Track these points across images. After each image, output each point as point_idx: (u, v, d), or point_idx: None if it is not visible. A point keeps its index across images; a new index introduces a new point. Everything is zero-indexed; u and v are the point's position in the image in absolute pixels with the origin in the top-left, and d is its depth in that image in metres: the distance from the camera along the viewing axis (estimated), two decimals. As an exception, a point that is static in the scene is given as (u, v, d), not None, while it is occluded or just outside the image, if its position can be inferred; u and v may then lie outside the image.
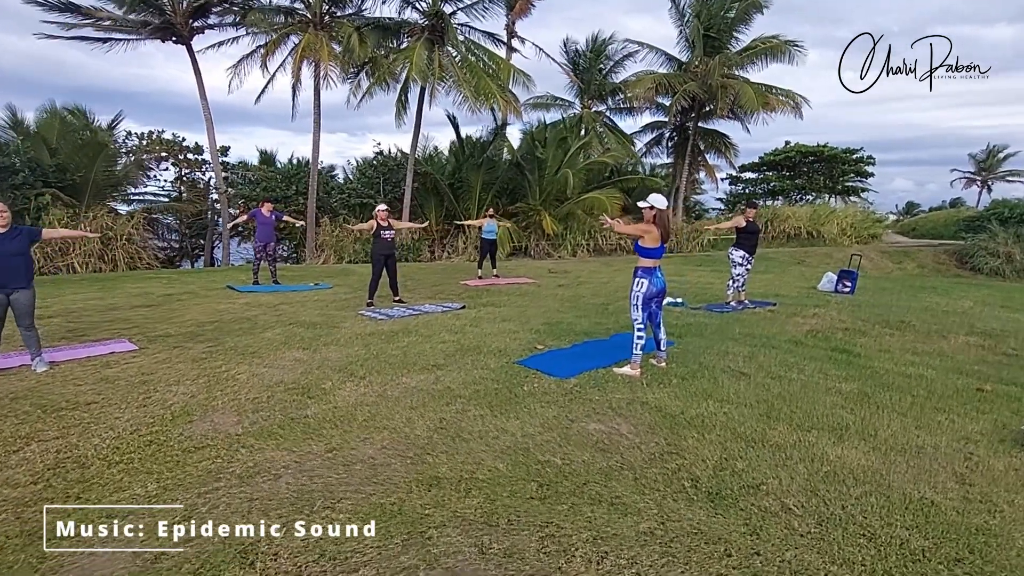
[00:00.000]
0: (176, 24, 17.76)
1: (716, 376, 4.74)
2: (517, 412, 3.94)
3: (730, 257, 8.18)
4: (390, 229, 8.05)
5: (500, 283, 10.92)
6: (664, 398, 4.22)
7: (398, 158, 23.11)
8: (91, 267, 12.36)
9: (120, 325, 6.32)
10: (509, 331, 6.36)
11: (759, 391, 4.41)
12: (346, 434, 3.57)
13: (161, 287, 9.18)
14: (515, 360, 5.13)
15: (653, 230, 4.62)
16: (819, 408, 4.07)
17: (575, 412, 3.95)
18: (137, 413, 3.87)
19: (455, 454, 3.31)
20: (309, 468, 3.15)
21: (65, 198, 12.71)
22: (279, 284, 9.83)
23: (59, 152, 13.19)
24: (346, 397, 4.21)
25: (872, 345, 5.96)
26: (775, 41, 22.88)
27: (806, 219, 26.58)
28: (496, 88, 19.05)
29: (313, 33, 18.19)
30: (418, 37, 18.96)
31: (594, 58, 25.84)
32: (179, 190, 19.82)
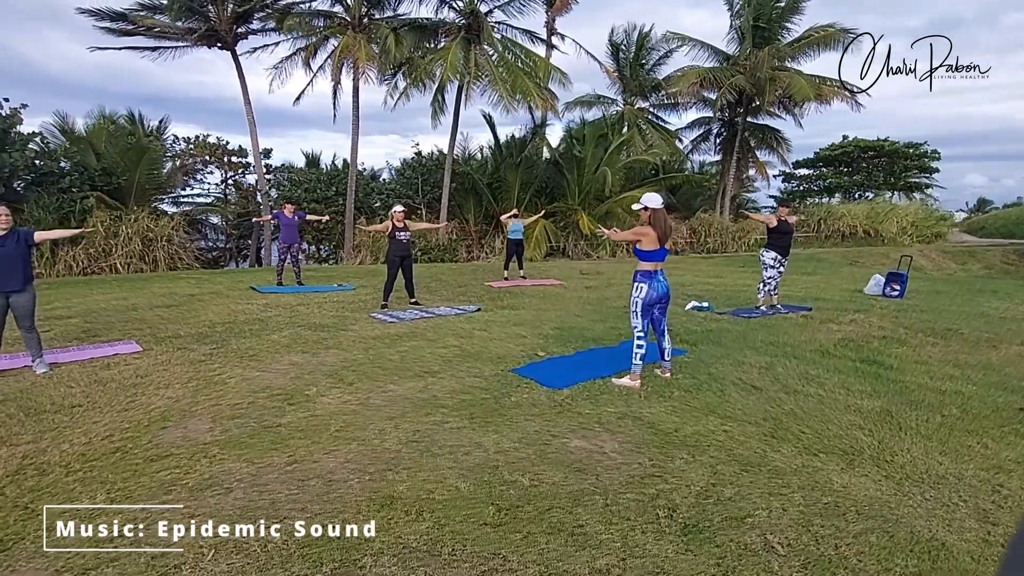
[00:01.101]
0: (220, 30, 18.36)
1: (724, 389, 4.37)
2: (497, 425, 3.70)
3: (761, 259, 7.66)
4: (406, 230, 7.94)
5: (525, 285, 10.68)
6: (660, 413, 3.89)
7: (437, 158, 23.17)
8: (133, 268, 12.87)
9: (134, 326, 6.45)
10: (516, 336, 6.13)
11: (769, 407, 4.02)
12: (313, 445, 3.43)
13: (188, 287, 9.41)
14: (511, 368, 4.89)
15: (650, 232, 4.29)
16: (832, 428, 3.65)
17: (559, 426, 3.68)
18: (116, 418, 3.85)
19: (419, 471, 3.11)
20: (263, 482, 3.01)
21: (109, 201, 13.29)
22: (303, 285, 9.91)
23: (105, 156, 13.79)
24: (327, 405, 4.08)
25: (909, 356, 5.40)
26: (830, 30, 21.67)
27: (863, 217, 25.12)
28: (533, 86, 18.80)
29: (351, 35, 18.45)
30: (454, 37, 18.94)
31: (637, 54, 25.17)
32: (224, 192, 20.47)
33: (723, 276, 13.18)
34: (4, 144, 11.77)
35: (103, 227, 12.56)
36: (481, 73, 18.52)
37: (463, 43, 18.67)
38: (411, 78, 18.92)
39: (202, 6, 17.87)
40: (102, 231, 12.51)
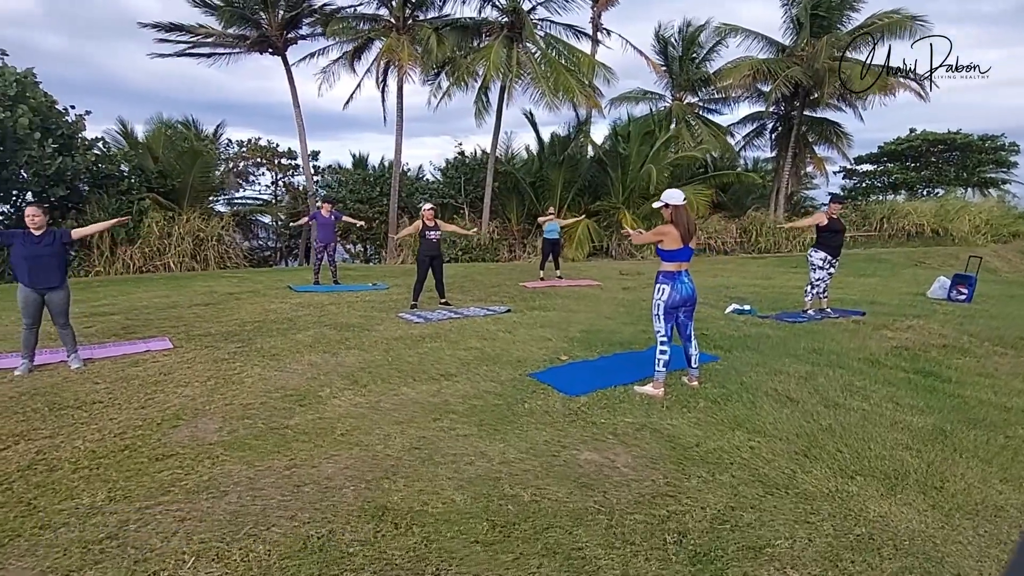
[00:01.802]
0: (271, 37, 18.92)
1: (755, 400, 4.04)
2: (506, 433, 3.53)
3: (809, 259, 7.17)
4: (436, 229, 7.87)
5: (561, 285, 10.45)
6: (682, 425, 3.63)
7: (480, 158, 23.18)
8: (184, 266, 13.39)
9: (170, 323, 6.62)
10: (541, 339, 5.94)
11: (804, 422, 3.68)
12: (315, 449, 3.35)
13: (229, 286, 9.67)
14: (530, 372, 4.70)
15: (672, 231, 4.01)
16: (874, 447, 3.29)
17: (571, 437, 3.48)
18: (132, 415, 3.90)
19: (417, 480, 2.98)
20: (259, 486, 2.95)
21: (164, 202, 13.87)
22: (338, 284, 10.02)
23: (162, 160, 14.41)
24: (337, 407, 4.01)
25: (971, 368, 4.88)
26: (896, 16, 20.38)
27: (930, 215, 23.52)
28: (575, 83, 18.51)
29: (395, 37, 18.67)
30: (496, 35, 18.88)
31: (686, 48, 24.42)
32: (275, 193, 21.11)
33: (772, 277, 12.55)
34: (70, 149, 12.45)
35: (157, 227, 13.12)
36: (523, 71, 18.38)
37: (505, 41, 18.58)
38: (454, 78, 18.97)
39: (253, 14, 18.47)
40: (156, 231, 13.07)
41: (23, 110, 11.22)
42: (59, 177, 11.72)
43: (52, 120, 12.40)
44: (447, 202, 22.68)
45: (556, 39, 19.36)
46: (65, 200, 12.46)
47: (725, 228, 21.91)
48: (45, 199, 12.52)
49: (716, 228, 21.72)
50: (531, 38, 18.22)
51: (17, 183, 11.69)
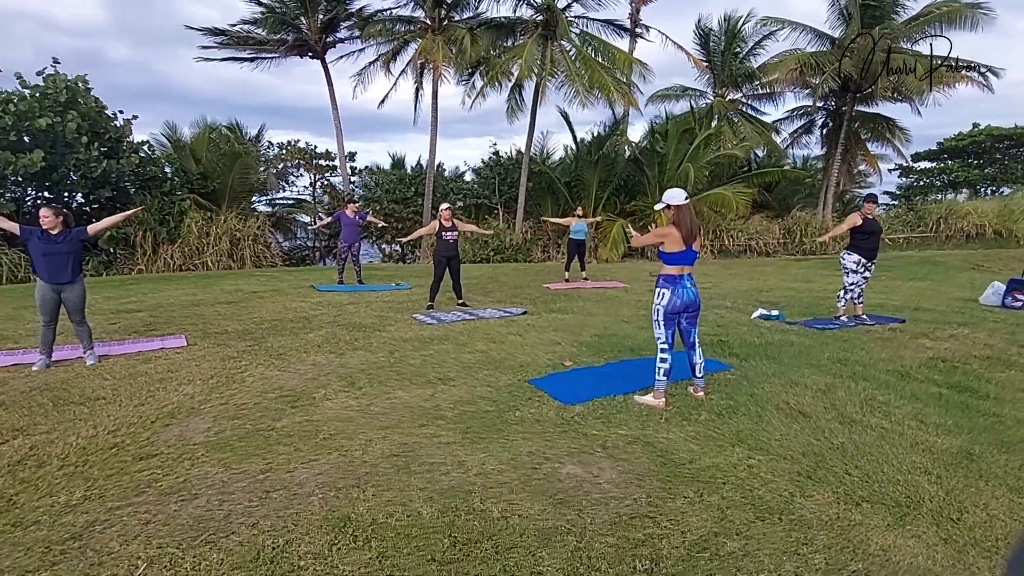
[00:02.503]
0: (310, 40, 19.34)
1: (763, 414, 3.77)
2: (490, 442, 3.39)
3: (842, 263, 6.74)
4: (453, 230, 7.80)
5: (585, 287, 10.23)
6: (678, 439, 3.40)
7: (515, 157, 23.08)
8: (222, 265, 13.81)
9: (191, 321, 6.77)
10: (550, 342, 5.77)
11: (813, 439, 3.40)
12: (295, 453, 3.30)
13: (255, 285, 9.88)
14: (529, 378, 4.55)
15: (673, 232, 3.78)
16: (888, 470, 3.00)
17: (557, 448, 3.31)
18: (130, 412, 3.95)
19: (387, 490, 2.88)
20: (231, 490, 2.91)
21: (204, 202, 14.34)
22: (362, 284, 10.09)
23: (203, 162, 14.90)
24: (327, 410, 3.97)
25: (1015, 383, 4.44)
26: (955, 5, 19.18)
27: (992, 215, 22.05)
28: (610, 80, 18.17)
29: (430, 38, 18.78)
30: (531, 33, 18.75)
31: (729, 42, 23.66)
32: (313, 194, 21.58)
33: (813, 281, 11.95)
34: (116, 152, 13.02)
35: (196, 227, 13.57)
36: (556, 69, 18.18)
37: (539, 39, 18.42)
38: (487, 77, 18.94)
39: (294, 18, 18.92)
40: (195, 231, 13.51)
41: (72, 115, 11.78)
42: (105, 179, 12.26)
43: (101, 125, 12.99)
44: (481, 202, 22.70)
45: (592, 36, 19.08)
46: (111, 201, 13.02)
47: (767, 229, 21.11)
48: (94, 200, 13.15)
49: (757, 229, 20.97)
50: (565, 35, 17.99)
51: (67, 185, 12.29)
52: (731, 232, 20.78)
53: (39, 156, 10.70)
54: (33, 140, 11.01)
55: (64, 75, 12.31)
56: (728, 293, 9.49)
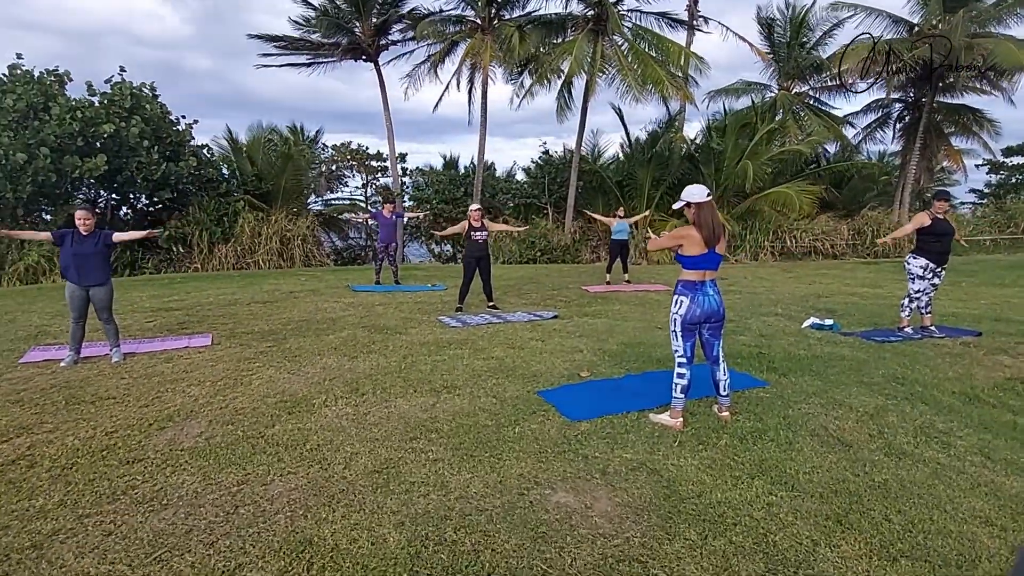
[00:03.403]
0: (363, 43, 19.66)
1: (795, 440, 3.31)
2: (479, 462, 3.13)
3: (906, 267, 6.04)
4: (483, 230, 7.58)
5: (625, 290, 9.78)
6: (690, 467, 3.02)
7: (566, 157, 22.70)
8: (272, 264, 14.20)
9: (222, 320, 6.87)
10: (572, 350, 5.44)
11: (851, 474, 2.93)
12: (276, 464, 3.16)
13: (294, 284, 10.02)
14: (539, 389, 4.25)
15: (692, 233, 3.38)
16: (939, 518, 2.51)
17: (551, 472, 3.00)
18: (133, 413, 3.94)
19: (359, 511, 2.67)
20: (201, 502, 2.79)
21: (257, 203, 14.81)
22: (399, 284, 10.06)
23: (257, 164, 15.40)
24: (322, 417, 3.82)
25: (1115, 414, 3.74)
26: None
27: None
28: (664, 75, 17.50)
29: (479, 37, 18.71)
30: (581, 29, 18.34)
31: (795, 31, 22.35)
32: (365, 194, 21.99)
33: (881, 286, 10.98)
34: (177, 156, 13.62)
35: (248, 228, 14.01)
36: (607, 64, 17.69)
37: (590, 35, 17.99)
38: (536, 75, 18.66)
39: (348, 22, 19.29)
40: (248, 231, 13.96)
41: (136, 121, 12.39)
42: (165, 181, 12.84)
43: (164, 129, 13.63)
44: (531, 202, 22.44)
45: (645, 30, 18.46)
46: (172, 202, 13.64)
47: (835, 229, 19.75)
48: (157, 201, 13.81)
49: (824, 229, 19.65)
50: (617, 30, 17.45)
51: (131, 187, 12.95)
52: (794, 233, 19.58)
53: (102, 160, 11.31)
54: (98, 145, 11.63)
55: (129, 83, 12.99)
56: (782, 298, 8.81)
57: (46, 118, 11.07)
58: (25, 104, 11.03)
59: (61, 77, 12.25)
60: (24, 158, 10.35)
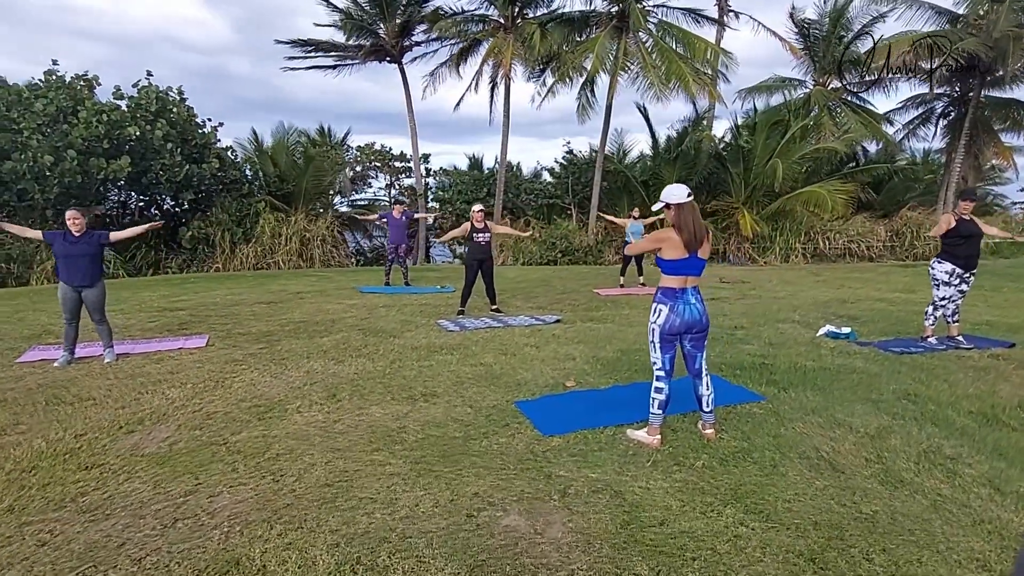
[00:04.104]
0: (387, 45, 19.76)
1: (781, 464, 3.04)
2: (437, 477, 2.97)
3: (931, 273, 5.62)
4: (485, 232, 7.42)
5: (639, 293, 9.48)
6: (658, 491, 2.79)
7: (590, 156, 22.38)
8: (292, 264, 14.35)
9: (222, 321, 6.89)
10: (565, 357, 5.23)
11: (837, 504, 2.66)
12: (229, 474, 3.06)
13: (303, 285, 10.05)
14: (517, 400, 4.06)
15: (672, 236, 3.14)
16: (929, 559, 2.23)
17: (509, 491, 2.82)
18: (107, 415, 3.92)
19: (297, 529, 2.54)
20: (144, 513, 2.71)
21: (279, 204, 14.99)
22: (409, 286, 9.99)
23: (280, 165, 15.60)
24: (291, 424, 3.72)
25: None
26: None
27: None
28: (689, 72, 17.04)
29: (501, 36, 18.59)
30: (604, 26, 18.02)
31: (832, 25, 21.50)
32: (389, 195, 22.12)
33: (916, 291, 10.38)
34: (202, 158, 13.89)
35: (269, 228, 14.19)
36: (630, 61, 17.32)
37: (613, 32, 17.67)
38: (558, 74, 18.41)
39: (372, 24, 19.41)
40: (268, 231, 14.14)
41: (161, 124, 12.67)
42: (187, 183, 13.09)
43: (189, 132, 13.92)
44: (553, 202, 22.18)
45: (670, 25, 18.00)
46: (195, 203, 13.92)
47: (871, 230, 18.90)
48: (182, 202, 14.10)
49: (859, 231, 18.82)
50: (639, 26, 17.07)
51: (157, 188, 13.26)
52: (827, 234, 18.82)
53: (126, 162, 11.59)
54: (123, 147, 11.93)
55: (156, 86, 13.30)
56: (803, 304, 8.39)
57: (74, 121, 11.41)
58: (55, 108, 11.39)
59: (90, 82, 12.62)
60: (51, 160, 10.67)
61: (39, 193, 10.89)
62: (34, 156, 10.58)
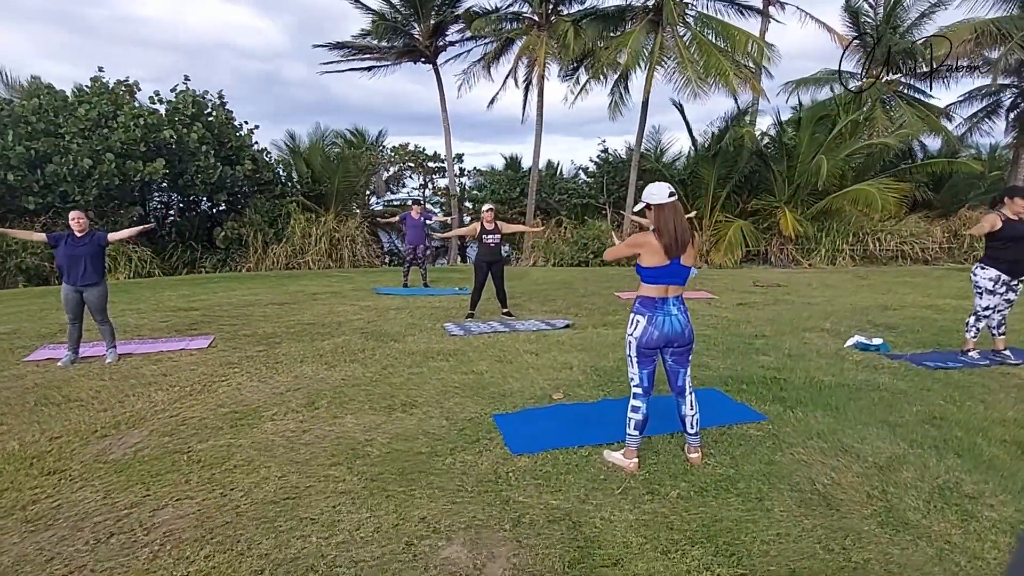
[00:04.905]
0: (421, 46, 19.82)
1: (769, 497, 2.71)
2: (388, 497, 2.78)
3: (973, 279, 5.08)
4: (496, 232, 7.21)
5: (663, 297, 9.05)
6: (621, 523, 2.52)
7: (626, 155, 21.87)
8: (322, 264, 14.53)
9: (231, 322, 6.93)
10: (562, 366, 4.96)
11: (822, 548, 2.32)
12: (181, 486, 2.96)
13: (321, 286, 10.08)
14: (496, 413, 3.84)
15: (650, 241, 2.85)
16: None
17: (459, 516, 2.60)
18: (88, 418, 3.92)
19: (227, 551, 2.41)
20: (83, 525, 2.64)
21: (310, 205, 15.22)
22: (428, 287, 9.89)
23: (314, 167, 15.84)
24: (261, 433, 3.61)
25: None
26: None
27: None
28: (729, 66, 16.38)
29: (535, 34, 18.37)
30: (640, 20, 17.54)
31: (887, 14, 20.29)
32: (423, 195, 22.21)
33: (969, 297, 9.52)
34: (238, 160, 14.22)
35: (299, 229, 14.41)
36: (666, 56, 16.77)
37: (649, 26, 17.17)
38: (592, 71, 18.02)
39: (406, 25, 19.51)
40: (298, 232, 14.36)
41: (197, 127, 13.03)
42: (221, 184, 13.42)
43: (226, 135, 14.28)
44: (588, 202, 21.77)
45: (710, 18, 17.36)
46: (230, 204, 14.27)
47: (926, 231, 17.70)
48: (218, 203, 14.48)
49: (913, 231, 17.64)
50: (674, 20, 16.50)
51: (193, 189, 13.65)
52: (878, 235, 17.72)
53: (161, 164, 11.96)
54: (159, 150, 12.32)
55: (192, 91, 13.69)
56: (838, 310, 7.82)
57: (114, 126, 11.84)
58: (97, 113, 11.85)
59: (131, 87, 13.10)
60: (90, 163, 11.10)
61: (79, 195, 11.35)
62: (74, 159, 11.03)
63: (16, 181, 10.90)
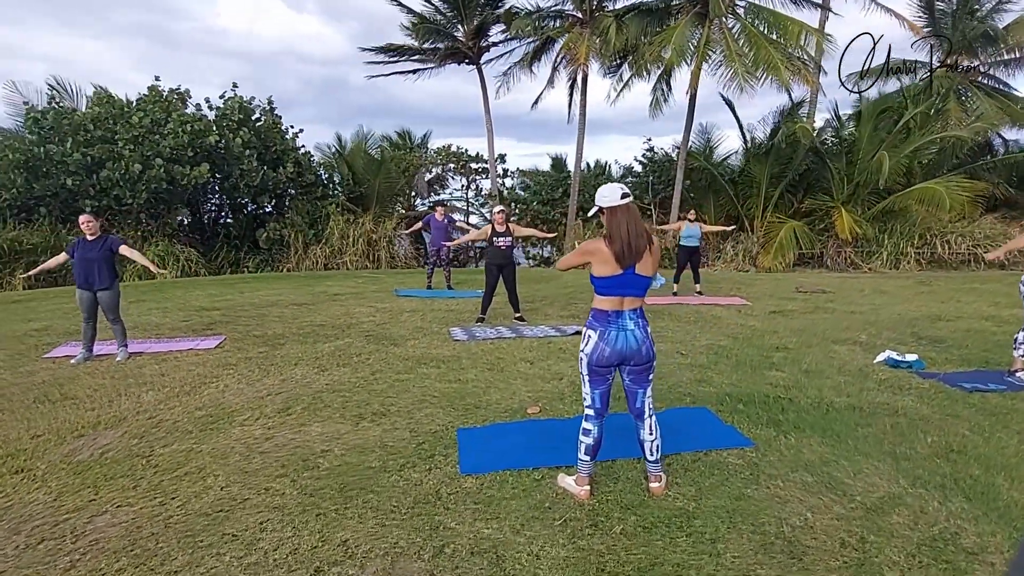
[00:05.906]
0: (465, 47, 19.86)
1: (724, 539, 2.41)
2: (319, 516, 2.67)
3: (1021, 291, 4.49)
4: (507, 235, 7.03)
5: (690, 303, 8.63)
6: (549, 561, 2.29)
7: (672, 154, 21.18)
8: (358, 265, 14.78)
9: (246, 322, 7.07)
10: (553, 376, 4.74)
11: (767, 605, 2.02)
12: (128, 492, 2.96)
13: (345, 288, 10.20)
14: (461, 426, 3.66)
15: (600, 248, 2.60)
16: None
17: (382, 542, 2.45)
18: (76, 416, 4.04)
19: (140, 567, 2.36)
20: (22, 529, 2.67)
21: (350, 206, 15.52)
22: (451, 289, 9.82)
23: (355, 168, 16.16)
24: (225, 438, 3.60)
25: None
26: None
27: None
28: (780, 58, 15.52)
29: (578, 31, 18.05)
30: (686, 13, 16.88)
31: (962, 0, 18.76)
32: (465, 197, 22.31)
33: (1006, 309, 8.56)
34: (280, 163, 14.67)
35: (338, 230, 14.71)
36: (712, 50, 16.06)
37: (694, 19, 16.49)
38: (635, 67, 17.50)
39: (449, 26, 19.61)
40: (337, 232, 14.66)
41: (243, 132, 13.52)
42: (264, 187, 13.87)
43: (271, 139, 14.77)
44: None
45: (760, 8, 16.50)
46: (273, 206, 14.74)
47: (1003, 233, 16.13)
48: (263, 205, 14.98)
49: (988, 233, 16.12)
50: (720, 13, 15.77)
51: (239, 192, 14.18)
52: (947, 237, 16.32)
53: (205, 169, 12.47)
54: (206, 155, 12.85)
55: (240, 97, 14.22)
56: (882, 320, 7.18)
57: (164, 132, 12.44)
58: (150, 120, 12.49)
59: (182, 95, 13.74)
60: (139, 168, 11.71)
61: (130, 199, 11.99)
62: (126, 164, 11.67)
63: (75, 185, 11.65)
